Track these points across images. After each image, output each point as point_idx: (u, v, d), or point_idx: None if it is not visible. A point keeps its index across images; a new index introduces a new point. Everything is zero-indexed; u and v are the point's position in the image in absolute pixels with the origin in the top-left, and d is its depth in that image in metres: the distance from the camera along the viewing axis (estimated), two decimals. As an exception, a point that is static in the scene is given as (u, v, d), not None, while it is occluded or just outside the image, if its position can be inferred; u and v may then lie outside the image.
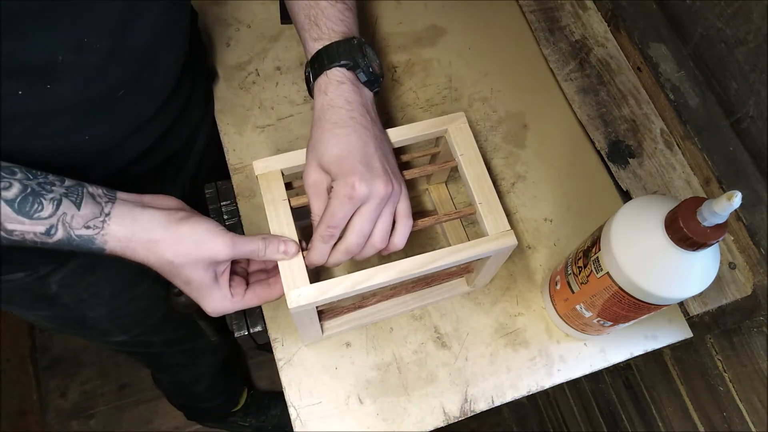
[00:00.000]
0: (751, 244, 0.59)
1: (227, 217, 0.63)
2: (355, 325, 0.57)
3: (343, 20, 0.51)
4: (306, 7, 0.52)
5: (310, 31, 0.51)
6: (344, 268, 0.61)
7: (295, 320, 0.49)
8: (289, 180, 0.52)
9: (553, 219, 0.65)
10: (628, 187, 0.66)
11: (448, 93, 0.72)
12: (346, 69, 0.49)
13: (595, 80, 0.73)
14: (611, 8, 0.75)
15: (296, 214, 0.50)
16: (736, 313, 0.59)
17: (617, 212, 0.47)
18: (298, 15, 0.53)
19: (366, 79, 0.49)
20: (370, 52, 0.50)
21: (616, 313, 0.50)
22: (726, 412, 0.64)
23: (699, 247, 0.40)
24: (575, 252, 0.53)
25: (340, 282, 0.46)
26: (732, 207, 0.36)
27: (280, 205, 0.49)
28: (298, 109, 0.69)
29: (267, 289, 0.48)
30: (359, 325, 0.58)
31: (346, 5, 0.52)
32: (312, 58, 0.50)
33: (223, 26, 0.73)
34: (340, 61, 0.48)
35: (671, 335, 0.61)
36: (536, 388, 0.57)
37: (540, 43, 0.75)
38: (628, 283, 0.45)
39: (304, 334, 0.55)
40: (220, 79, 0.70)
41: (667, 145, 0.69)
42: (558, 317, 0.58)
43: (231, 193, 0.64)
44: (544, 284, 0.60)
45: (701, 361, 0.66)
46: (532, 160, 0.68)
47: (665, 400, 0.75)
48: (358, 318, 0.57)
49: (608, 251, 0.46)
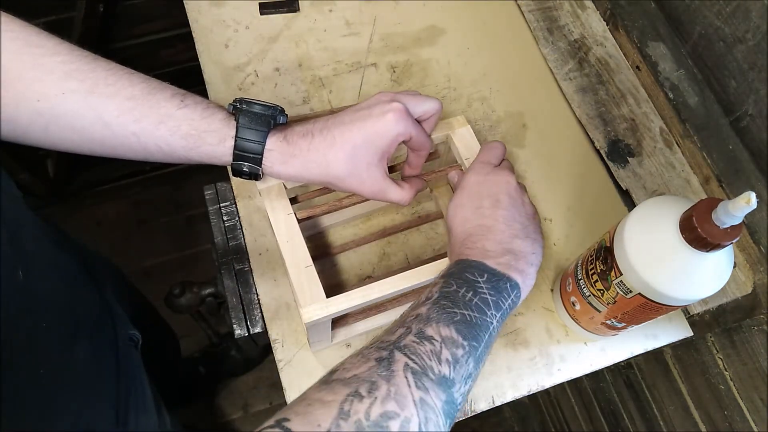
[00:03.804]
0: (752, 243, 0.59)
1: (227, 219, 0.63)
2: (363, 331, 0.57)
3: (207, 114, 0.46)
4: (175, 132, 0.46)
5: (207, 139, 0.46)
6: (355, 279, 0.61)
7: (309, 332, 0.50)
8: (294, 194, 0.53)
9: (552, 218, 0.65)
10: (628, 186, 0.66)
11: (447, 93, 0.72)
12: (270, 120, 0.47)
13: (594, 79, 0.73)
14: (610, 7, 0.75)
15: (303, 226, 0.51)
16: (737, 312, 0.59)
17: (630, 214, 0.46)
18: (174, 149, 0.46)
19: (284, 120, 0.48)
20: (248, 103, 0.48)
21: (633, 317, 0.50)
22: (727, 410, 0.64)
23: (713, 248, 0.40)
24: (584, 262, 0.52)
25: (351, 295, 0.47)
26: (749, 209, 0.36)
27: (288, 219, 0.50)
28: (297, 110, 0.69)
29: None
30: (367, 330, 0.58)
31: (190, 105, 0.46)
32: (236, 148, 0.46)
33: (222, 27, 0.73)
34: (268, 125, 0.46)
35: (672, 334, 0.61)
36: (537, 387, 0.57)
37: (539, 43, 0.75)
38: (644, 286, 0.45)
39: (315, 344, 0.55)
40: (219, 80, 0.70)
41: (667, 144, 0.68)
42: (570, 319, 0.58)
43: (230, 194, 0.64)
44: (555, 286, 0.60)
45: (702, 360, 0.66)
46: (532, 160, 0.68)
47: (666, 399, 0.75)
48: (366, 326, 0.57)
49: (623, 257, 0.45)
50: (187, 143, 0.45)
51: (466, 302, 0.41)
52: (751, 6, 0.54)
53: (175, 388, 1.19)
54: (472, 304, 0.41)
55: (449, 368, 0.37)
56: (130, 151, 0.46)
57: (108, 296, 0.66)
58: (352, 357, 0.37)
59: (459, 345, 0.38)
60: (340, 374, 0.35)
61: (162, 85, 0.45)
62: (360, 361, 0.36)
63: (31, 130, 0.43)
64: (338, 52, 0.73)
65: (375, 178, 0.48)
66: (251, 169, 0.47)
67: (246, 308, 0.59)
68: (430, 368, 0.36)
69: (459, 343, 0.38)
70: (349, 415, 0.31)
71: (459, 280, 0.42)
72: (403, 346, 0.36)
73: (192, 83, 0.58)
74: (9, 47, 0.41)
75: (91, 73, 0.43)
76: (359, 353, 0.37)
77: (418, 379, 0.34)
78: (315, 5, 0.76)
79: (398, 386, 0.33)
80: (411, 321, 0.39)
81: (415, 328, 0.38)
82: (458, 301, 0.41)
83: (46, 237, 0.55)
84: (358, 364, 0.35)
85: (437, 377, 0.36)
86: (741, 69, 0.57)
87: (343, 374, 0.34)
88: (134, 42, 1.27)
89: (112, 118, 0.43)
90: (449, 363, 0.37)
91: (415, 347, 0.36)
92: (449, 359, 0.37)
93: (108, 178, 1.50)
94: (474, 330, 0.40)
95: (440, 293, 0.41)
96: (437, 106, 0.50)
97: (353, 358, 0.37)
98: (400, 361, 0.35)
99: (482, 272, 0.43)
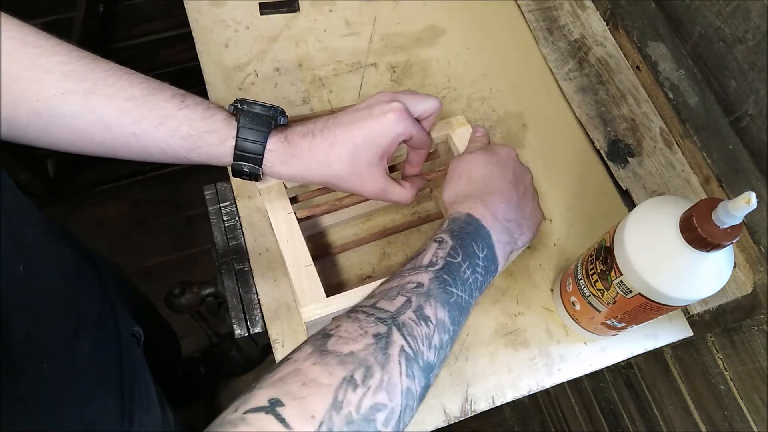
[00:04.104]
0: (751, 243, 0.59)
1: (227, 219, 0.63)
2: None
3: (208, 114, 0.46)
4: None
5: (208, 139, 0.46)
6: (355, 279, 0.61)
7: (309, 332, 0.50)
8: (294, 194, 0.53)
9: (552, 218, 0.65)
10: (628, 186, 0.66)
11: (447, 93, 0.72)
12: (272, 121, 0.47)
13: (594, 79, 0.73)
14: (610, 7, 0.75)
15: (303, 225, 0.51)
16: (737, 312, 0.59)
17: (630, 214, 0.46)
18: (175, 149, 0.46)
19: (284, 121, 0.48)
20: (248, 104, 0.48)
21: (633, 317, 0.50)
22: (727, 410, 0.64)
23: (713, 248, 0.40)
24: (584, 262, 0.52)
25: (351, 294, 0.47)
26: (749, 209, 0.36)
27: (288, 219, 0.50)
28: (297, 110, 0.69)
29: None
30: None
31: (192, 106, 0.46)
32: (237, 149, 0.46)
33: (222, 27, 0.73)
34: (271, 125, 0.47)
35: (672, 334, 0.61)
36: (537, 387, 0.57)
37: (539, 43, 0.75)
38: (644, 286, 0.45)
39: None
40: (219, 80, 0.70)
41: (667, 144, 0.68)
42: (570, 319, 0.58)
43: (230, 194, 0.64)
44: (555, 285, 0.60)
45: (702, 360, 0.66)
46: (532, 160, 0.68)
47: (666, 399, 0.75)
48: None
49: (623, 257, 0.45)
50: (188, 144, 0.45)
51: (463, 281, 0.41)
52: (751, 6, 0.54)
53: (175, 388, 1.19)
54: (467, 284, 0.41)
55: (435, 354, 0.37)
56: (130, 152, 0.46)
57: (110, 292, 0.66)
58: (348, 321, 0.37)
59: (447, 330, 0.39)
60: (335, 345, 0.34)
61: (162, 85, 0.45)
62: (357, 331, 0.35)
63: (30, 131, 0.43)
64: (338, 52, 0.73)
65: (376, 177, 0.48)
66: (251, 169, 0.47)
67: (246, 308, 0.59)
68: (421, 354, 0.36)
69: (447, 327, 0.39)
70: (341, 406, 0.31)
71: (464, 251, 0.42)
72: (401, 323, 0.36)
73: (192, 83, 0.58)
74: (5, 47, 0.41)
75: (90, 73, 0.43)
76: (355, 318, 0.37)
77: (409, 367, 0.35)
78: (315, 5, 0.76)
79: (391, 374, 0.34)
80: (412, 290, 0.39)
81: (415, 302, 0.38)
82: (458, 278, 0.41)
83: (47, 232, 0.55)
84: (355, 335, 0.35)
85: (424, 364, 0.36)
86: (741, 69, 0.57)
87: (340, 347, 0.34)
88: (134, 42, 1.27)
89: (112, 119, 0.43)
90: (436, 349, 0.37)
91: (413, 328, 0.37)
92: (437, 345, 0.38)
93: (108, 178, 1.50)
94: (461, 314, 0.40)
95: (445, 263, 0.41)
96: (437, 104, 0.50)
97: (349, 324, 0.36)
98: (397, 343, 0.35)
99: (484, 246, 0.43)
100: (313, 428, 0.30)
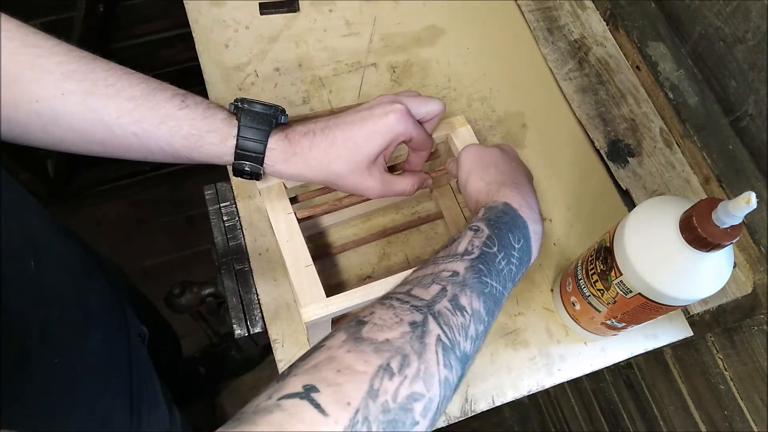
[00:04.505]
0: (751, 243, 0.59)
1: (227, 219, 0.63)
2: None
3: (208, 114, 0.46)
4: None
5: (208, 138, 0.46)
6: (355, 279, 0.61)
7: (309, 332, 0.50)
8: (294, 194, 0.53)
9: (552, 218, 0.65)
10: (628, 186, 0.66)
11: (447, 93, 0.72)
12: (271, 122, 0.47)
13: (594, 79, 0.73)
14: (610, 7, 0.75)
15: (303, 225, 0.51)
16: (737, 312, 0.59)
17: (630, 214, 0.46)
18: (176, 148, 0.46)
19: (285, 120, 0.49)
20: (248, 103, 0.48)
21: (633, 317, 0.50)
22: (727, 410, 0.64)
23: (713, 248, 0.40)
24: (584, 262, 0.52)
25: (351, 294, 0.47)
26: (749, 209, 0.36)
27: (288, 219, 0.50)
28: (297, 110, 0.69)
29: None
30: None
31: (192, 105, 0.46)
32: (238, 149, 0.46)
33: (222, 27, 0.73)
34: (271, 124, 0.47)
35: (672, 334, 0.61)
36: (537, 387, 0.57)
37: (539, 43, 0.75)
38: (644, 286, 0.45)
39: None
40: (219, 80, 0.70)
41: (667, 144, 0.68)
42: (570, 319, 0.58)
43: (230, 194, 0.64)
44: (555, 285, 0.60)
45: (702, 360, 0.66)
46: (532, 160, 0.68)
47: (666, 399, 0.75)
48: None
49: (623, 257, 0.45)
50: (189, 143, 0.45)
51: (498, 271, 0.41)
52: (751, 6, 0.54)
53: (176, 388, 1.19)
54: (501, 275, 0.41)
55: (471, 345, 0.37)
56: (130, 152, 0.46)
57: (117, 289, 0.66)
58: (382, 308, 0.36)
59: (482, 320, 0.38)
60: (370, 332, 0.34)
61: (162, 85, 0.45)
62: (392, 319, 0.35)
63: (31, 131, 0.43)
64: (338, 52, 0.73)
65: (375, 176, 0.48)
66: (252, 168, 0.47)
67: (246, 308, 0.59)
68: (458, 344, 0.36)
69: (483, 318, 0.38)
70: (378, 394, 0.31)
71: (500, 241, 0.42)
72: (437, 312, 0.36)
73: (192, 83, 0.58)
74: (5, 47, 0.41)
75: (90, 73, 0.43)
76: (389, 305, 0.36)
77: (447, 357, 0.35)
78: (315, 5, 0.76)
79: (428, 363, 0.33)
80: (447, 279, 0.38)
81: (451, 291, 0.37)
82: (493, 269, 0.40)
83: (53, 228, 0.55)
84: (390, 323, 0.34)
85: (461, 354, 0.36)
86: (741, 69, 0.57)
87: (375, 334, 0.33)
88: (134, 42, 1.27)
89: (113, 119, 0.43)
90: (472, 339, 0.37)
91: (448, 317, 0.36)
92: (473, 335, 0.37)
93: (108, 178, 1.50)
94: (495, 306, 0.40)
95: (481, 252, 0.41)
96: (440, 107, 0.50)
97: (384, 311, 0.36)
98: (434, 333, 0.35)
99: (520, 237, 0.43)
100: (349, 415, 0.29)
